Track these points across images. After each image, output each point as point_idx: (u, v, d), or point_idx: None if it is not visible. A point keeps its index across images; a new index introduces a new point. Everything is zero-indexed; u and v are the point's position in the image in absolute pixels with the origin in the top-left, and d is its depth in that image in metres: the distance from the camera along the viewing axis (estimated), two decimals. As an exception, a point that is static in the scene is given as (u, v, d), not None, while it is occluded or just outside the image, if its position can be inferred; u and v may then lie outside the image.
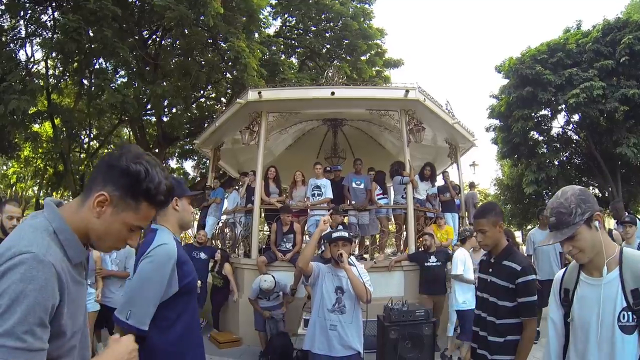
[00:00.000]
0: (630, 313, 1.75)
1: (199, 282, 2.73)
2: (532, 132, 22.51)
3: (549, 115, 22.65)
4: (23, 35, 16.04)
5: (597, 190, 24.00)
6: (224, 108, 10.29)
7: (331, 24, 18.61)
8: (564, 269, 2.17)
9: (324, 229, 3.60)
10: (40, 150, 22.27)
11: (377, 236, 9.00)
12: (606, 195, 22.12)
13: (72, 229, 1.32)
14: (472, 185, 11.44)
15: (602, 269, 1.86)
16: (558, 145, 23.18)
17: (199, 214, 10.44)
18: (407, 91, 8.23)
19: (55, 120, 16.72)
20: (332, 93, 8.30)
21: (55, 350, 1.22)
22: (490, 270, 3.01)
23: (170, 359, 2.24)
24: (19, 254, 1.15)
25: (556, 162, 22.30)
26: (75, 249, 1.32)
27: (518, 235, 20.85)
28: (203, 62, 16.33)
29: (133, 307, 2.13)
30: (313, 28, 19.04)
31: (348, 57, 18.50)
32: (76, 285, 1.32)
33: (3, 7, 14.44)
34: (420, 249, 7.86)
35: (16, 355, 1.07)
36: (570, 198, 1.91)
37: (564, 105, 20.47)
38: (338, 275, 3.71)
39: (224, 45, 13.95)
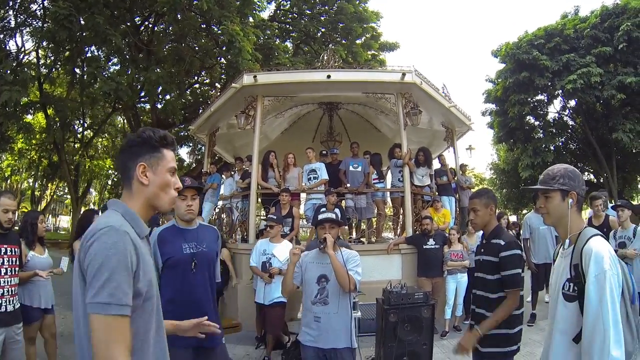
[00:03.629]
0: (571, 284, 2.03)
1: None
2: (528, 117, 22.59)
3: (545, 101, 22.72)
4: (12, 26, 15.83)
5: (592, 176, 24.09)
6: (218, 93, 10.17)
7: (326, 7, 18.45)
8: (559, 246, 2.41)
9: (295, 260, 3.43)
10: (33, 142, 22.13)
11: (374, 220, 8.97)
12: (601, 181, 22.20)
13: (134, 211, 1.60)
14: (461, 167, 10.89)
15: (566, 241, 2.19)
16: (554, 131, 23.23)
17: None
18: (403, 74, 8.15)
19: (48, 111, 16.56)
20: (328, 76, 8.22)
21: (138, 311, 1.43)
22: (482, 250, 3.19)
23: None
24: (100, 229, 1.40)
25: (552, 147, 22.36)
26: (140, 227, 1.59)
27: (513, 219, 20.90)
28: (197, 48, 16.17)
29: None
30: (308, 12, 18.86)
31: (343, 41, 18.34)
32: (149, 258, 1.58)
33: (-9, -3, 14.23)
34: (417, 232, 7.85)
35: (108, 309, 1.29)
36: (560, 169, 2.23)
37: (560, 91, 20.50)
38: (324, 263, 3.42)
39: (218, 30, 13.77)
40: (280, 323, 5.94)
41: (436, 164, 10.02)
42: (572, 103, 21.72)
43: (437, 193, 9.35)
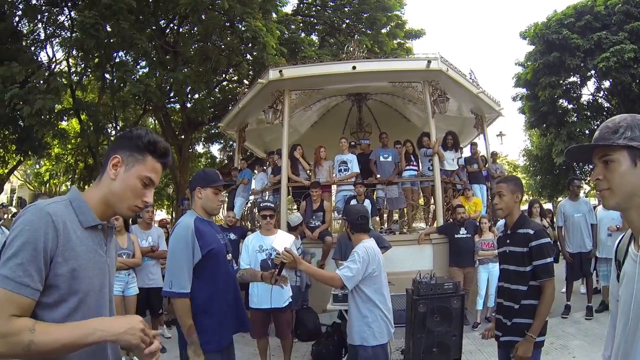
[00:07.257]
0: None
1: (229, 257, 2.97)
2: (560, 100, 21.82)
3: (578, 82, 21.94)
4: (42, 37, 16.41)
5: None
6: (245, 90, 10.27)
7: (349, -2, 18.36)
8: (620, 237, 1.58)
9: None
10: (69, 147, 22.83)
11: (406, 210, 8.93)
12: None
13: (86, 200, 1.54)
14: (492, 155, 10.62)
15: None
16: (588, 114, 22.42)
17: (227, 195, 10.40)
18: (429, 61, 8.08)
19: (82, 116, 17.06)
20: (354, 67, 8.21)
21: (59, 303, 1.38)
22: (508, 241, 3.10)
23: (198, 319, 2.69)
24: (25, 207, 1.40)
25: (587, 132, 21.55)
26: (85, 214, 1.50)
27: (549, 206, 20.35)
28: (222, 46, 16.38)
29: (173, 278, 2.70)
30: (331, 3, 18.84)
31: (368, 31, 18.20)
32: (89, 252, 1.49)
33: (20, 12, 14.90)
34: (448, 221, 7.77)
35: (5, 283, 1.26)
36: (626, 118, 1.37)
37: (593, 71, 19.81)
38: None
39: (242, 27, 13.88)
40: (290, 325, 5.12)
41: (467, 152, 9.89)
42: (607, 84, 20.93)
43: (467, 181, 9.23)
